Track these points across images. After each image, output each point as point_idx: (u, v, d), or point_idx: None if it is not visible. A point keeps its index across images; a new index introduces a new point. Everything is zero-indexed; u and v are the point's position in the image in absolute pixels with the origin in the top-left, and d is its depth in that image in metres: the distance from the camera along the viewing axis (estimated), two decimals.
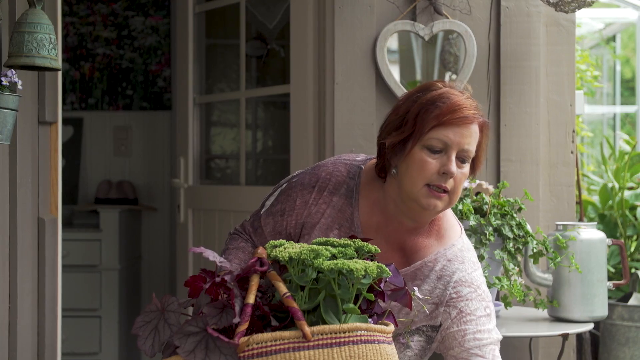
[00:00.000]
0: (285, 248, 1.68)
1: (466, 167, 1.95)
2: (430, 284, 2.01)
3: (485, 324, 1.98)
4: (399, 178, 1.96)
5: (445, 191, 1.92)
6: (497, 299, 3.01)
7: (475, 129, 1.94)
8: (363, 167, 2.06)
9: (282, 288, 1.63)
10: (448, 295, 1.99)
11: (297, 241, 2.06)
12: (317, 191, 2.04)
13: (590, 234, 2.91)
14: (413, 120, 1.93)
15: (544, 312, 3.01)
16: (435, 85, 1.97)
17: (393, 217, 2.02)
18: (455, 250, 2.03)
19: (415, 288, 1.99)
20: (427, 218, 2.01)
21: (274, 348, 1.59)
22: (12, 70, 1.96)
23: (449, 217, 2.09)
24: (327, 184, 2.04)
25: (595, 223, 3.04)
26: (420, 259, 2.02)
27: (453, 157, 1.91)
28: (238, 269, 1.77)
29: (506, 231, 2.78)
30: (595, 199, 4.23)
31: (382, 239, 2.02)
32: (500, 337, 2.00)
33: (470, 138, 1.93)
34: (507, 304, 2.82)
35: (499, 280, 2.75)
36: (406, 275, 2.01)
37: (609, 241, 2.97)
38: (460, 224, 2.12)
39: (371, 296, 1.70)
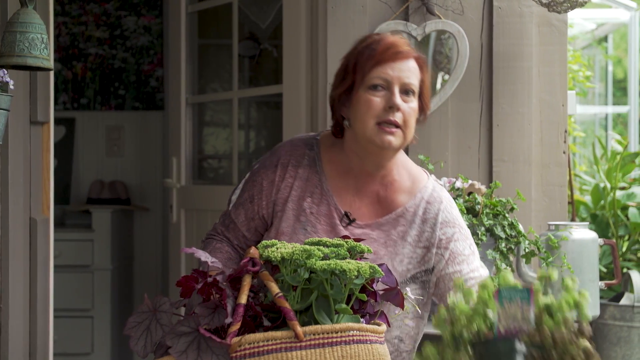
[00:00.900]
0: (277, 248, 1.68)
1: (413, 102, 2.03)
2: (416, 229, 2.08)
3: (473, 261, 2.09)
4: (352, 126, 2.06)
5: (397, 126, 2.00)
6: None
7: (412, 64, 2.04)
8: (319, 137, 2.17)
9: (274, 288, 1.63)
10: (437, 237, 2.08)
11: (272, 221, 2.11)
12: (280, 168, 2.11)
13: (582, 233, 2.92)
14: (353, 67, 2.05)
15: None
16: (370, 36, 2.11)
17: (360, 171, 2.10)
18: (430, 190, 2.12)
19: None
20: (388, 158, 2.08)
21: (266, 348, 1.59)
22: (4, 70, 1.95)
23: (411, 162, 2.17)
24: (289, 159, 2.12)
25: (587, 223, 3.04)
26: (400, 205, 2.09)
27: (396, 91, 2.01)
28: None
29: (498, 231, 2.78)
30: (587, 199, 4.23)
31: (355, 196, 2.10)
32: (488, 272, 2.11)
33: (409, 72, 2.03)
34: None
35: (492, 280, 2.74)
36: (388, 222, 2.07)
37: (600, 241, 2.97)
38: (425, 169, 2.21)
39: (363, 296, 1.71)
